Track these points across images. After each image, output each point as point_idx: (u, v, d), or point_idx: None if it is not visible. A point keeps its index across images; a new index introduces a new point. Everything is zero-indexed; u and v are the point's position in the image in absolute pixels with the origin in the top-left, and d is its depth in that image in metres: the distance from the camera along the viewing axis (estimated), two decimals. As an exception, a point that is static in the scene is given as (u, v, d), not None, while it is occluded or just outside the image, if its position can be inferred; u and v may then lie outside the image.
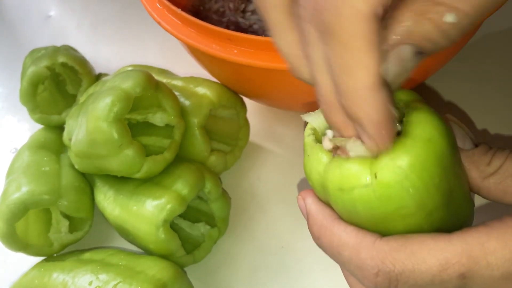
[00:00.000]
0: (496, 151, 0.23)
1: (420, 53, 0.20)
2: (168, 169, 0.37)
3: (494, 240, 0.19)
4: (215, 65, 0.39)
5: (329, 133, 0.23)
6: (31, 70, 0.44)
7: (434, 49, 0.20)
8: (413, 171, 0.20)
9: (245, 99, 0.44)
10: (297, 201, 0.26)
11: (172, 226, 0.37)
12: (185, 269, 0.37)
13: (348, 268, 0.23)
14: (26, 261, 0.40)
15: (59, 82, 0.49)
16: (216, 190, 0.38)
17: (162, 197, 0.35)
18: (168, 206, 0.34)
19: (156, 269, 0.33)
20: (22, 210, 0.36)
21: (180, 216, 0.39)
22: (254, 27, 0.44)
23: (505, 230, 0.20)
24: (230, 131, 0.44)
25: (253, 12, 0.46)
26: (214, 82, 0.42)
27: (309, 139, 0.24)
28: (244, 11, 0.46)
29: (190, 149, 0.40)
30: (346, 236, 0.23)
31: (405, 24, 0.19)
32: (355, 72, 0.18)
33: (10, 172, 0.41)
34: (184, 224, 0.40)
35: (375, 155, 0.20)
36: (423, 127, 0.21)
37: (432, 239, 0.20)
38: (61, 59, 0.45)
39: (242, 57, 0.33)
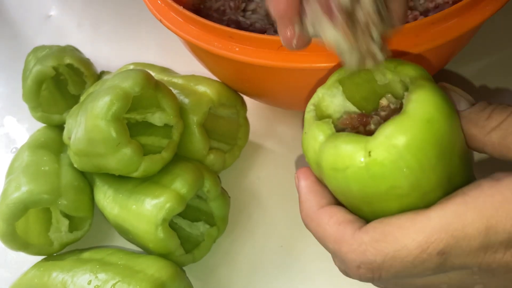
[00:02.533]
0: (496, 107, 0.23)
1: None
2: (167, 168, 0.37)
3: (471, 210, 0.19)
4: (216, 63, 0.39)
5: None
6: (36, 69, 0.44)
7: None
8: (408, 151, 0.19)
9: (245, 98, 0.44)
10: (294, 181, 0.26)
11: (171, 225, 0.37)
12: (184, 268, 0.37)
13: (335, 259, 0.24)
14: (26, 260, 0.40)
15: (59, 82, 0.49)
16: (215, 189, 0.37)
17: (161, 196, 0.35)
18: (167, 205, 0.34)
19: (155, 268, 0.33)
20: (21, 209, 0.36)
21: (179, 215, 0.39)
22: (256, 26, 0.44)
23: (483, 198, 0.19)
24: (230, 130, 0.44)
25: (254, 11, 0.46)
26: (215, 80, 0.42)
27: (309, 115, 0.24)
28: (244, 10, 0.46)
29: (188, 147, 0.40)
30: (329, 229, 0.23)
31: None
32: None
33: (10, 172, 0.41)
34: (184, 223, 0.40)
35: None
36: (424, 106, 0.20)
37: (410, 220, 0.20)
38: (68, 60, 0.46)
39: (243, 55, 0.33)
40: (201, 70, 0.43)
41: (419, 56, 0.32)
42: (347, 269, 0.23)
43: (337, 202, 0.24)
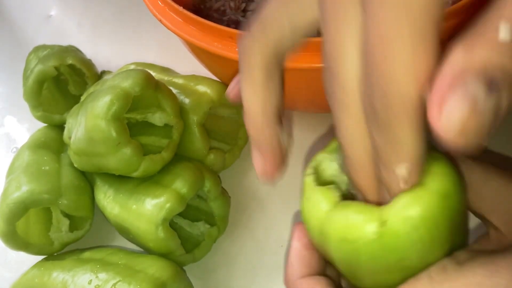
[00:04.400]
0: None
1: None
2: (167, 168, 0.37)
3: None
4: (217, 64, 0.39)
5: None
6: (38, 68, 0.44)
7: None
8: (424, 224, 0.19)
9: (246, 98, 0.44)
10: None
11: (171, 224, 0.37)
12: (185, 268, 0.37)
13: None
14: (27, 260, 0.40)
15: (59, 82, 0.49)
16: (215, 189, 0.38)
17: (161, 196, 0.35)
18: (167, 205, 0.34)
19: (155, 268, 0.33)
20: (22, 209, 0.36)
21: (180, 214, 0.39)
22: (255, 26, 0.44)
23: (448, 284, 0.19)
24: (230, 130, 0.44)
25: (254, 11, 0.46)
26: (215, 80, 0.42)
27: (309, 179, 0.23)
28: (245, 10, 0.46)
29: (188, 147, 0.40)
30: None
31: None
32: (400, 159, 0.18)
33: (10, 172, 0.41)
34: (184, 223, 0.40)
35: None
36: (441, 180, 0.19)
37: None
38: (70, 60, 0.46)
39: (243, 55, 0.33)
40: (201, 70, 0.43)
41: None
42: None
43: (324, 270, 0.24)
